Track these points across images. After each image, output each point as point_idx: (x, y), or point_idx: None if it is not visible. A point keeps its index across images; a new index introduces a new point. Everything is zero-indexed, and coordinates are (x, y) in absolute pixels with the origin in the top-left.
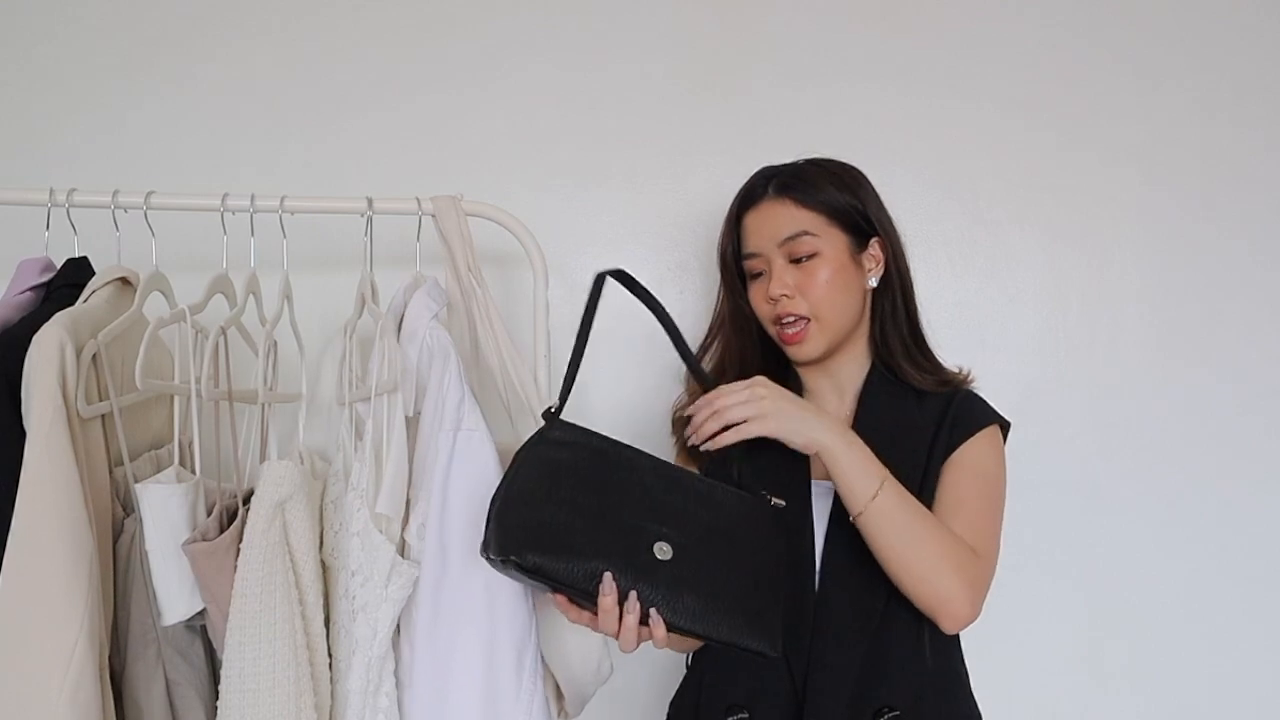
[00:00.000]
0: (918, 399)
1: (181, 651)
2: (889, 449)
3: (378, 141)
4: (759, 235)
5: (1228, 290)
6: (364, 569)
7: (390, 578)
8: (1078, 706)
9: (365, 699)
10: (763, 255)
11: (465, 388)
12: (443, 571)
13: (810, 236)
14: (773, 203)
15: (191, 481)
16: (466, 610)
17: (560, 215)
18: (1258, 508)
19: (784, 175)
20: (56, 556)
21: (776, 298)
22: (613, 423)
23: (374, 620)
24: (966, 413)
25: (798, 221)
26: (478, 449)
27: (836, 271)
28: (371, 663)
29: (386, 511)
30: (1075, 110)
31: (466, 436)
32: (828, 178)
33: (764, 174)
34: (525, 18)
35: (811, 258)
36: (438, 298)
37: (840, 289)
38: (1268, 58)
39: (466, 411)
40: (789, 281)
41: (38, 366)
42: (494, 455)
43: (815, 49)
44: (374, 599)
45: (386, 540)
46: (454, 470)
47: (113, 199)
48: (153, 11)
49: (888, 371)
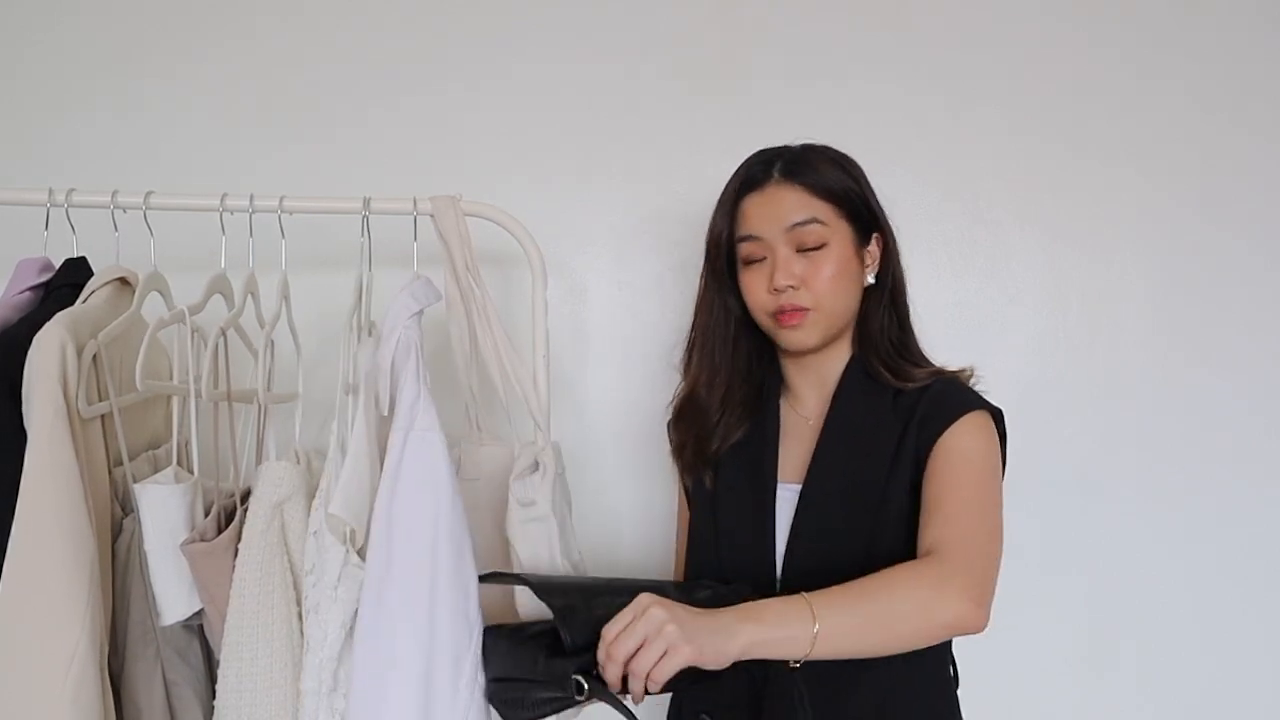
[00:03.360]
0: (894, 396)
1: (180, 652)
2: (858, 448)
3: (377, 141)
4: (763, 219)
5: (1228, 290)
6: (316, 569)
7: (340, 579)
8: (1078, 706)
9: (318, 700)
10: (765, 240)
11: (420, 387)
12: (386, 572)
13: (820, 225)
14: (781, 187)
15: (190, 482)
16: (407, 611)
17: (559, 215)
18: (1258, 507)
19: (789, 159)
20: (58, 556)
21: (782, 288)
22: (611, 422)
23: (324, 621)
24: (939, 404)
25: (808, 208)
26: (428, 450)
27: (842, 265)
28: (323, 663)
29: (340, 513)
30: (1075, 110)
31: (419, 437)
32: (833, 165)
33: (765, 156)
34: (524, 17)
35: (819, 248)
36: (421, 297)
37: (844, 284)
38: (1268, 58)
39: (419, 412)
40: (796, 271)
41: (39, 367)
42: (445, 457)
43: (815, 48)
44: (325, 600)
45: (337, 542)
46: (403, 470)
47: (112, 199)
48: (152, 11)
49: (864, 367)
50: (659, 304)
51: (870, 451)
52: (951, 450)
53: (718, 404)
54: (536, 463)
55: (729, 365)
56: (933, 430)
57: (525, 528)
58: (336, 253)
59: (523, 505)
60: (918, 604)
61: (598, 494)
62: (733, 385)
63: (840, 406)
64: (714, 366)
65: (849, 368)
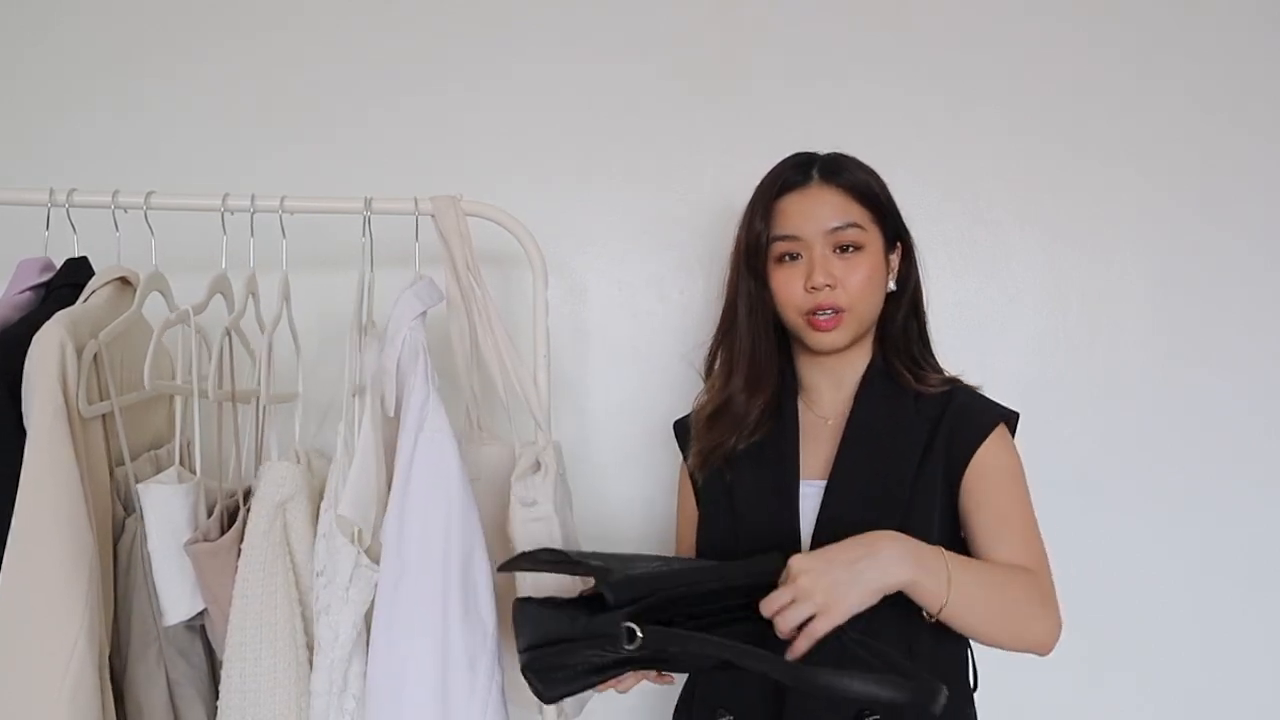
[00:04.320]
0: (915, 398)
1: (182, 651)
2: (883, 448)
3: (377, 141)
4: (804, 219)
5: (1228, 290)
6: (328, 571)
7: (352, 580)
8: (1078, 706)
9: (329, 699)
10: (804, 240)
11: (430, 388)
12: (400, 573)
13: (858, 229)
14: (822, 188)
15: (192, 482)
16: (421, 612)
17: (560, 215)
18: (1258, 508)
19: (825, 162)
20: (57, 556)
21: (820, 286)
22: (612, 422)
23: (335, 623)
24: (969, 414)
25: (849, 212)
26: (439, 451)
27: (875, 268)
28: (334, 664)
29: (349, 514)
30: (1075, 110)
31: (429, 438)
32: (866, 172)
33: (799, 160)
34: (524, 17)
35: (857, 250)
36: (426, 297)
37: (876, 286)
38: (1268, 58)
39: (430, 413)
40: (834, 272)
41: (38, 366)
42: (456, 457)
43: (816, 49)
44: (336, 601)
45: (348, 543)
46: (414, 472)
47: (113, 199)
48: (152, 11)
49: (886, 369)
50: (659, 304)
51: (894, 452)
52: (992, 468)
53: (760, 407)
54: (538, 462)
55: (771, 368)
56: (968, 441)
57: (527, 527)
58: (337, 253)
59: (525, 505)
60: (1028, 610)
61: (598, 493)
62: (772, 389)
63: (863, 406)
64: (759, 371)
65: (870, 369)
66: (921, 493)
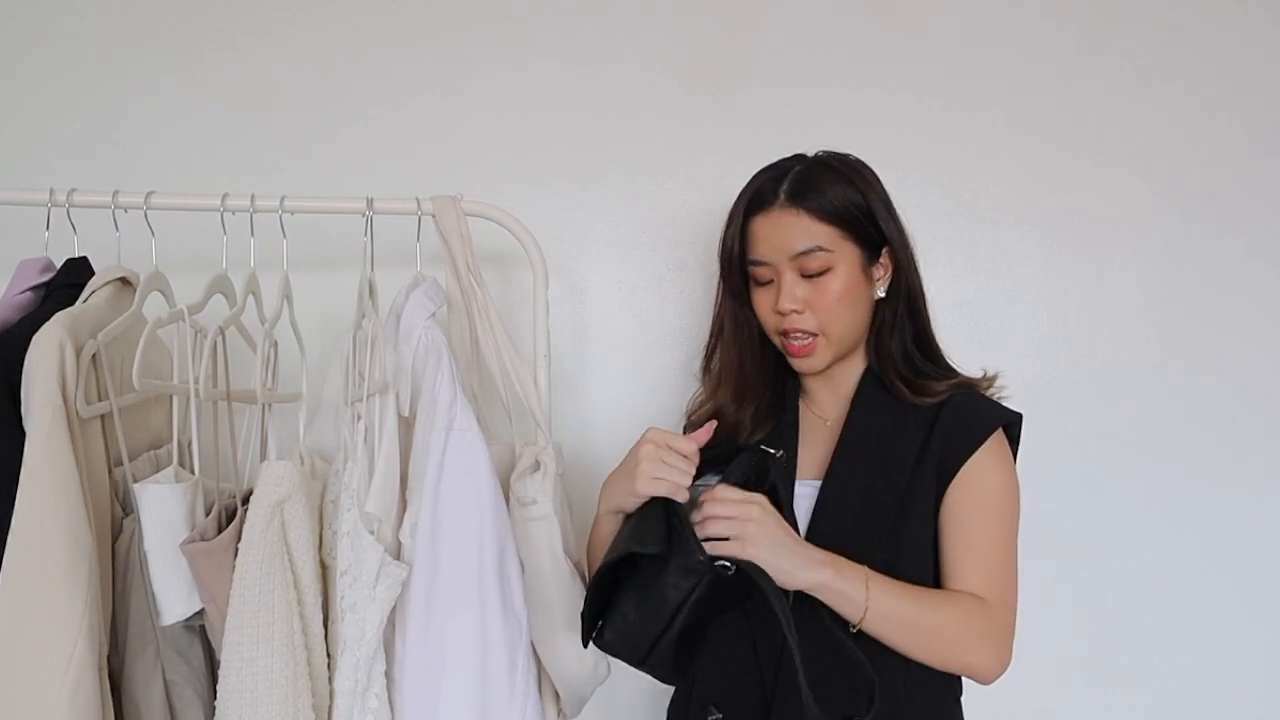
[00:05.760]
0: (913, 405)
1: (180, 652)
2: (876, 456)
3: (378, 141)
4: (769, 245)
5: (1227, 290)
6: (353, 569)
7: (379, 578)
8: (1077, 707)
9: (354, 699)
10: (772, 265)
11: (457, 388)
12: (434, 572)
13: (823, 252)
14: (785, 212)
15: (190, 481)
16: (458, 610)
17: (560, 215)
18: (1258, 508)
19: (794, 180)
20: (56, 556)
21: (785, 312)
22: (612, 422)
23: (361, 620)
24: (961, 422)
25: (811, 236)
26: (469, 449)
27: (848, 288)
28: (359, 663)
29: (375, 511)
30: (1075, 111)
31: (458, 437)
32: (839, 182)
33: (772, 175)
34: (525, 17)
35: (824, 273)
36: (435, 298)
37: (850, 305)
38: (1268, 58)
39: (458, 412)
40: (799, 295)
41: (37, 366)
42: (486, 455)
43: (815, 49)
44: (362, 599)
45: (375, 540)
46: (445, 471)
47: (113, 199)
48: (152, 11)
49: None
50: (659, 304)
51: (889, 455)
52: (975, 487)
53: (749, 420)
54: (538, 462)
55: (760, 380)
56: (956, 451)
57: (526, 527)
58: (337, 253)
59: (524, 505)
60: (959, 636)
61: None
62: (762, 398)
63: (858, 411)
64: (743, 383)
65: (864, 378)
66: (918, 500)
